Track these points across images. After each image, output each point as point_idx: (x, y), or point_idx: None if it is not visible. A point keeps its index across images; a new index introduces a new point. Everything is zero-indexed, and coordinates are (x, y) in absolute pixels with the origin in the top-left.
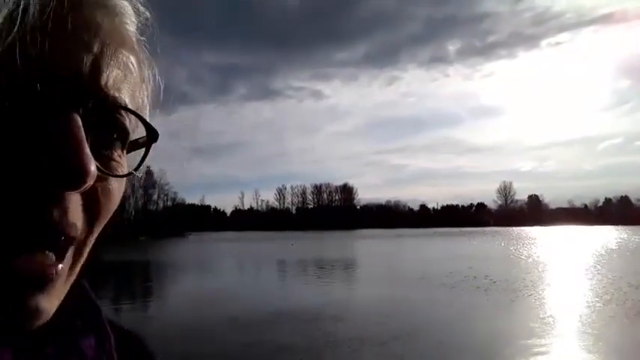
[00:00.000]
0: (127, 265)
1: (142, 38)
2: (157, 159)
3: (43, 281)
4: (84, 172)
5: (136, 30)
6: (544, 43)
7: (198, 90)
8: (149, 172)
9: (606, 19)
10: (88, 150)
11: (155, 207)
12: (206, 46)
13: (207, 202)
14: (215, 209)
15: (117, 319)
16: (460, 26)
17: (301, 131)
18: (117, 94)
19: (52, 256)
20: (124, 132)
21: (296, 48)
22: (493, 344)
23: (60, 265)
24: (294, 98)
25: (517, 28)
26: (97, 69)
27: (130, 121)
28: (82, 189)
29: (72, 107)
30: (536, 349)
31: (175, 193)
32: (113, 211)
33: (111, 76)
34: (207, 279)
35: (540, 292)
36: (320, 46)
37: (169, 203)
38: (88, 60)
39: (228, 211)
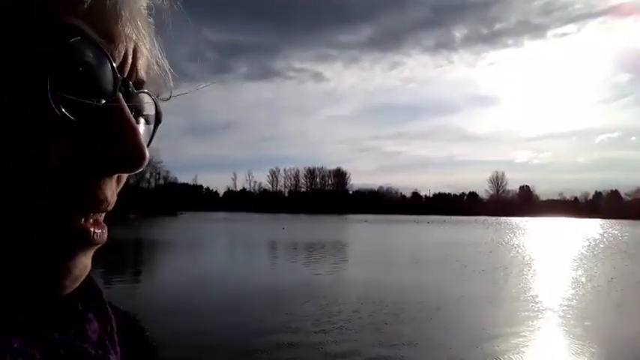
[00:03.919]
0: (118, 243)
1: (151, 12)
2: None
3: (91, 242)
4: (143, 158)
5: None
6: (550, 33)
7: (198, 67)
8: None
9: (614, 10)
10: (142, 135)
11: (147, 185)
12: (207, 22)
13: (199, 182)
14: (207, 189)
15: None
16: (468, 12)
17: (299, 113)
18: (143, 76)
19: (101, 220)
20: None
21: (300, 27)
22: (480, 326)
23: (105, 232)
24: (294, 79)
25: (525, 17)
26: (137, 54)
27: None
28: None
29: (122, 91)
30: (521, 332)
31: (167, 171)
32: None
33: (143, 61)
34: (198, 258)
35: (525, 280)
36: (324, 26)
37: (161, 182)
38: (130, 45)
39: (221, 191)
